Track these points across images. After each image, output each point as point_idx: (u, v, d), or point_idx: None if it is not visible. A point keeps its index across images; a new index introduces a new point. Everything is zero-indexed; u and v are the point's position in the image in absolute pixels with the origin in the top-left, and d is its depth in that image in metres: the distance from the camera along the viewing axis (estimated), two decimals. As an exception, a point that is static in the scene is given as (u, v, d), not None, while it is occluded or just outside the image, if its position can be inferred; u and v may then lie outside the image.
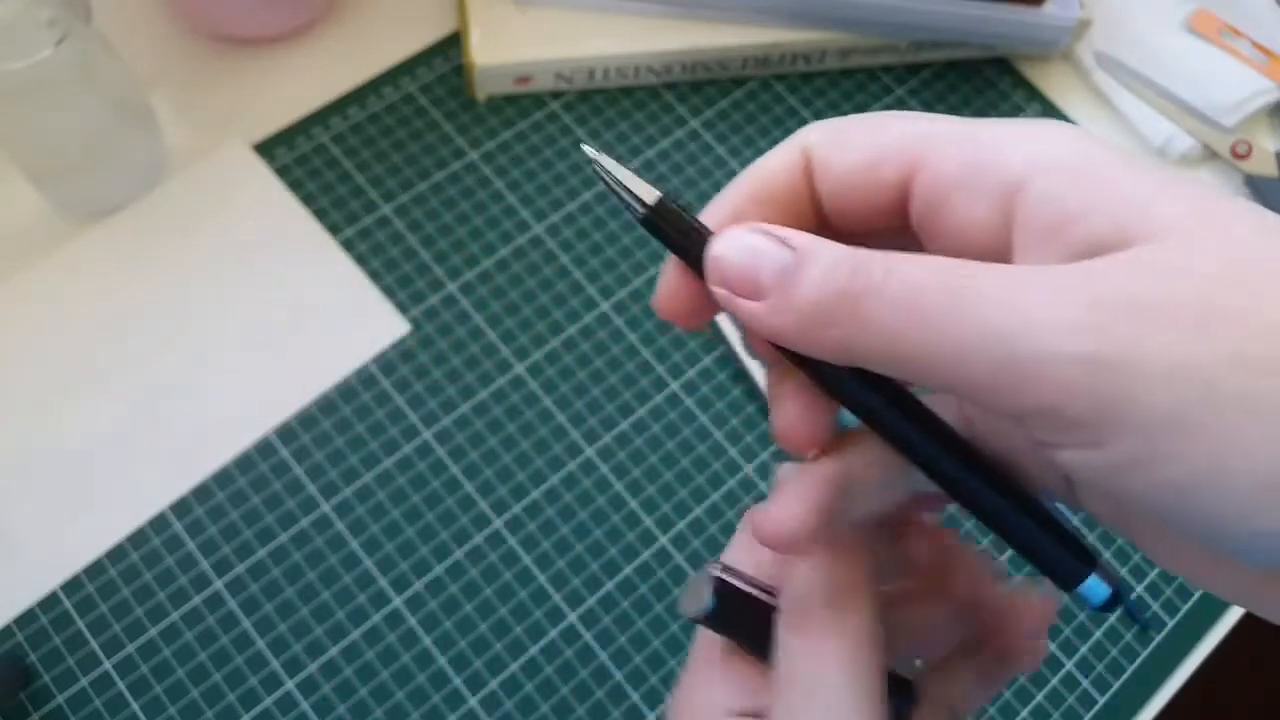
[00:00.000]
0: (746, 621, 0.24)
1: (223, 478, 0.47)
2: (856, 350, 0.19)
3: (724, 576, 0.24)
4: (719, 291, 0.21)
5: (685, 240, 0.22)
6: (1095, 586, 0.22)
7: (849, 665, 0.22)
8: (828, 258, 0.19)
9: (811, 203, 0.23)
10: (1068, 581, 0.22)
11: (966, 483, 0.22)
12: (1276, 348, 0.16)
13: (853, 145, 0.22)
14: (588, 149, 0.23)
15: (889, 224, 0.22)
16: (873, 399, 0.22)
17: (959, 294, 0.18)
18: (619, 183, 0.22)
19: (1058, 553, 0.22)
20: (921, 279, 0.18)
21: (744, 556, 0.26)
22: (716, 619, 0.24)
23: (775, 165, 0.23)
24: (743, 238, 0.21)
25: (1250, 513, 0.16)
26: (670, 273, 0.23)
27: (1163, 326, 0.16)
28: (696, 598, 0.24)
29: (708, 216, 0.23)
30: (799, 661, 0.23)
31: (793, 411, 0.23)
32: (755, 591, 0.24)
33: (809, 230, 0.21)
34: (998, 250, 0.20)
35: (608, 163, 0.22)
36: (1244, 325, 0.16)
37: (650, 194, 0.22)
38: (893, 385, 0.22)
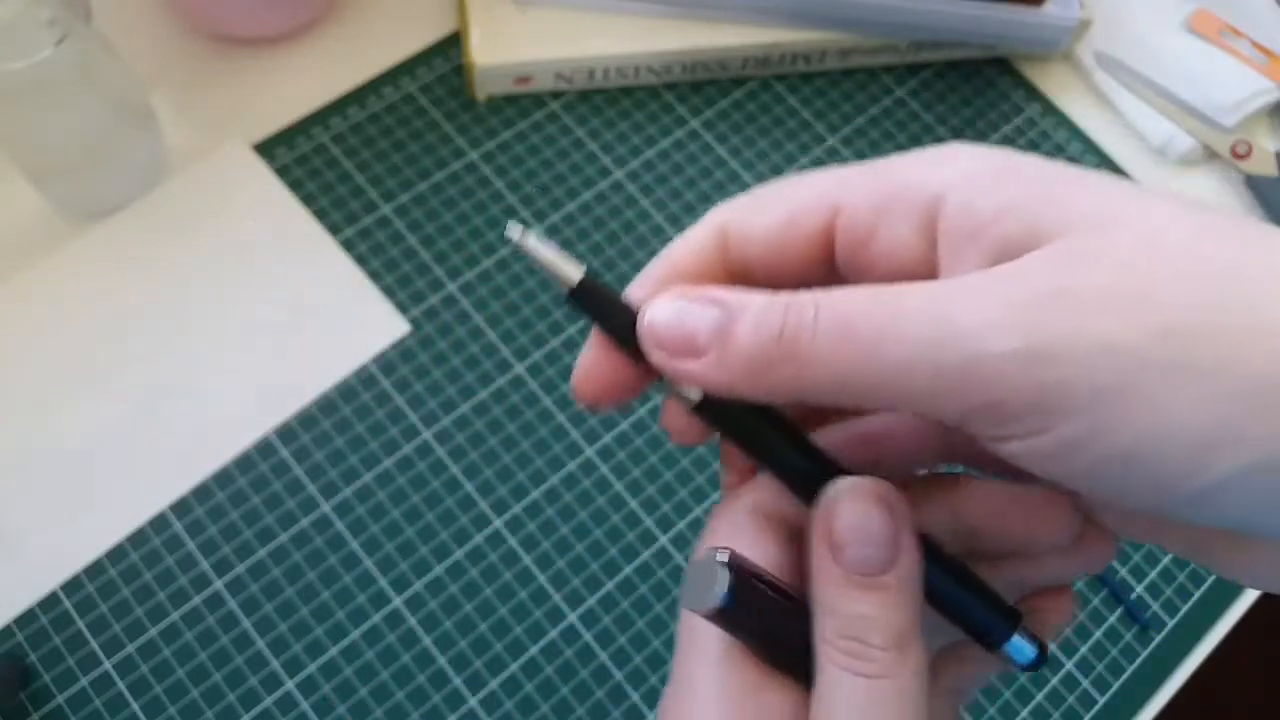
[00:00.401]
0: (761, 620, 0.22)
1: (223, 478, 0.47)
2: (803, 386, 0.20)
3: (739, 564, 0.21)
4: (657, 355, 0.21)
5: (612, 313, 0.23)
6: (1020, 646, 0.23)
7: (910, 707, 0.21)
8: (758, 305, 0.20)
9: (727, 277, 0.23)
10: (993, 640, 0.23)
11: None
12: (1196, 320, 0.17)
13: (768, 209, 0.23)
14: (512, 231, 0.23)
15: (816, 276, 0.23)
16: (800, 462, 0.23)
17: (888, 314, 0.19)
18: (545, 263, 0.22)
19: (982, 612, 0.23)
20: (851, 307, 0.19)
21: (743, 544, 0.23)
22: (728, 614, 0.21)
23: (689, 246, 0.23)
24: (674, 302, 0.21)
25: (1192, 470, 0.17)
26: (589, 353, 0.23)
27: (1087, 311, 0.17)
28: (703, 587, 0.21)
29: (629, 296, 0.23)
30: (858, 705, 0.21)
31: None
32: (772, 583, 0.22)
33: None
34: (926, 273, 0.21)
35: (533, 243, 0.22)
36: (1164, 302, 0.17)
37: (575, 272, 0.22)
38: (817, 452, 0.23)
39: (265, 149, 0.54)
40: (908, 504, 0.22)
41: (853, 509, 0.21)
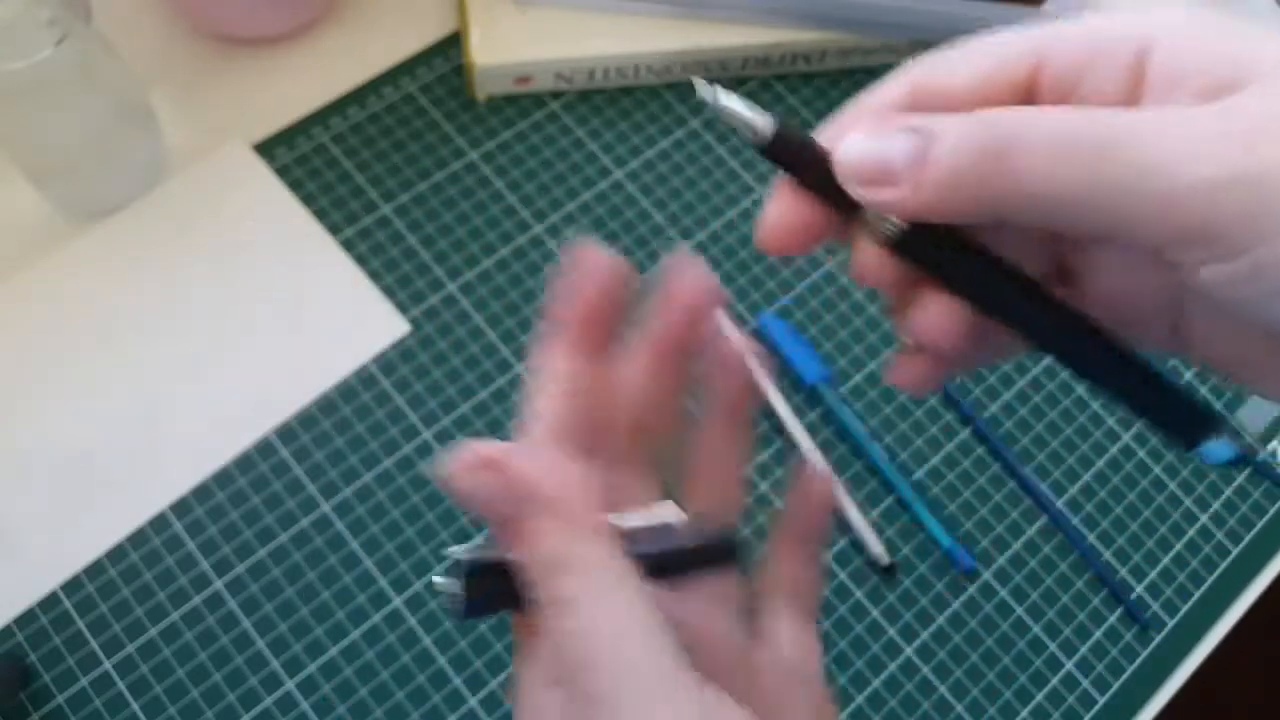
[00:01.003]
0: (509, 595, 0.22)
1: (223, 478, 0.47)
2: (1009, 201, 0.20)
3: (464, 559, 0.22)
4: (856, 189, 0.21)
5: (805, 158, 0.23)
6: (1219, 448, 0.23)
7: (603, 619, 0.21)
8: (955, 124, 0.20)
9: None
10: (1193, 438, 0.23)
11: (1096, 353, 0.23)
12: None
13: (968, 62, 0.23)
14: (702, 90, 0.23)
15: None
16: (1003, 288, 0.23)
17: (1109, 134, 0.19)
18: (737, 118, 0.23)
19: (1182, 411, 0.23)
20: (1070, 124, 0.20)
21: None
22: (472, 606, 0.22)
23: (880, 98, 0.23)
24: (868, 132, 0.21)
25: None
26: (777, 203, 0.23)
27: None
28: (449, 601, 0.22)
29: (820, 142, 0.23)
30: (557, 639, 0.21)
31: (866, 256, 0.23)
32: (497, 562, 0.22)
33: None
34: None
35: (724, 101, 0.23)
36: None
37: (768, 124, 0.23)
38: (1018, 276, 0.22)
39: (265, 149, 0.54)
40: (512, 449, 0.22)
41: (467, 482, 0.21)
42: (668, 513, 0.23)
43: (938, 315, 0.23)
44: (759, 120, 0.23)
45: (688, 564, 0.23)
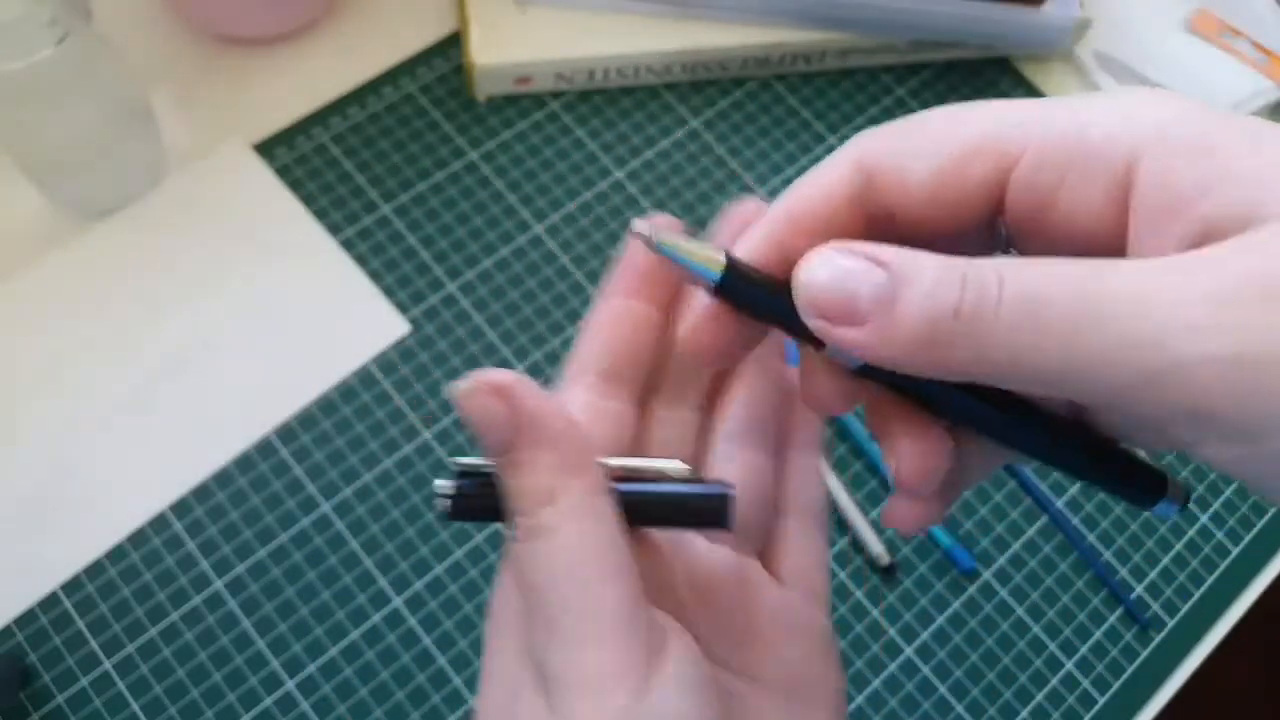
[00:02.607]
0: (495, 509, 0.23)
1: (223, 478, 0.47)
2: (977, 370, 0.18)
3: (461, 463, 0.23)
4: (816, 323, 0.19)
5: (759, 291, 0.21)
6: (1168, 506, 0.23)
7: (576, 548, 0.21)
8: (930, 271, 0.18)
9: (865, 221, 0.21)
10: (1148, 500, 0.23)
11: (1050, 450, 0.22)
12: None
13: (931, 147, 0.20)
14: (638, 225, 0.21)
15: (973, 233, 0.21)
16: (975, 409, 0.21)
17: (1087, 300, 0.17)
18: (685, 260, 0.21)
19: (1135, 482, 0.23)
20: (1044, 289, 0.17)
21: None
22: (458, 509, 0.23)
23: (822, 186, 0.21)
24: (831, 260, 0.19)
25: None
26: (702, 310, 0.22)
27: None
28: (442, 495, 0.23)
29: (744, 249, 0.22)
30: (526, 569, 0.21)
31: (820, 380, 0.22)
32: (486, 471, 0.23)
33: None
34: (1109, 238, 0.19)
35: (669, 239, 0.21)
36: None
37: (717, 267, 0.21)
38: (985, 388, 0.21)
39: (265, 149, 0.54)
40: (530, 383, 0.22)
41: (475, 404, 0.21)
42: (670, 466, 0.23)
43: (917, 458, 0.21)
44: (712, 258, 0.21)
45: (674, 512, 0.23)
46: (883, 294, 0.18)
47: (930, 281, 0.18)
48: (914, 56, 0.59)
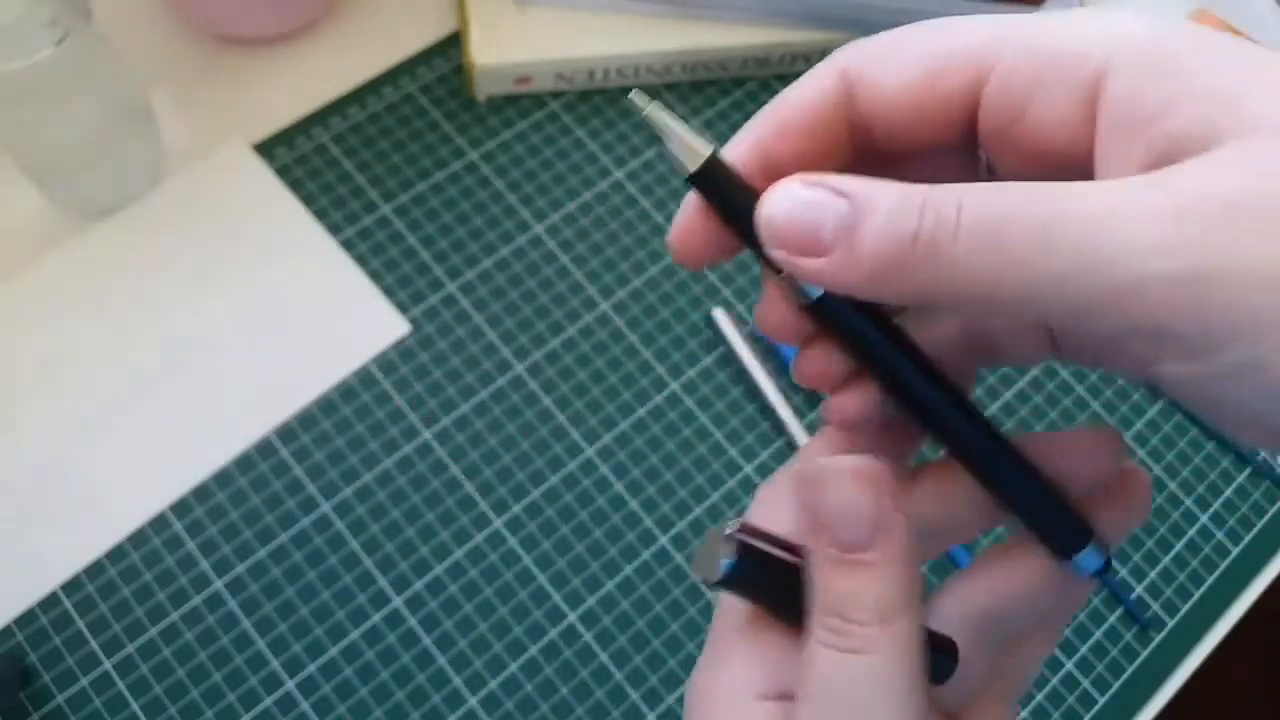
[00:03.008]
0: (771, 584, 0.22)
1: (223, 478, 0.47)
2: (936, 293, 0.18)
3: (743, 537, 0.21)
4: (778, 254, 0.19)
5: (730, 196, 0.21)
6: (1090, 557, 0.23)
7: (893, 681, 0.20)
8: (889, 200, 0.18)
9: (848, 130, 0.21)
10: (1066, 549, 0.23)
11: (975, 444, 0.22)
12: None
13: (907, 58, 0.20)
14: (635, 98, 0.21)
15: (949, 142, 0.21)
16: (898, 363, 0.21)
17: (1043, 221, 0.17)
18: (673, 137, 0.21)
19: (1059, 520, 0.22)
20: (1001, 210, 0.17)
21: (767, 514, 0.23)
22: (735, 582, 0.21)
23: (807, 92, 0.21)
24: (794, 193, 0.19)
25: None
26: (689, 216, 0.22)
27: (1259, 232, 0.16)
28: (711, 560, 0.21)
29: (730, 152, 0.22)
30: (835, 679, 0.20)
31: (778, 307, 0.22)
32: (778, 552, 0.22)
33: (846, 160, 0.20)
34: (1078, 153, 0.19)
35: (661, 116, 0.21)
36: None
37: (703, 151, 0.21)
38: (906, 342, 0.21)
39: (265, 149, 0.54)
40: (894, 480, 0.21)
41: (837, 490, 0.20)
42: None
43: (853, 401, 0.22)
44: (697, 144, 0.21)
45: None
46: (844, 223, 0.18)
47: (890, 208, 0.18)
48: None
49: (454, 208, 0.54)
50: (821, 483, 0.21)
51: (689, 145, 0.21)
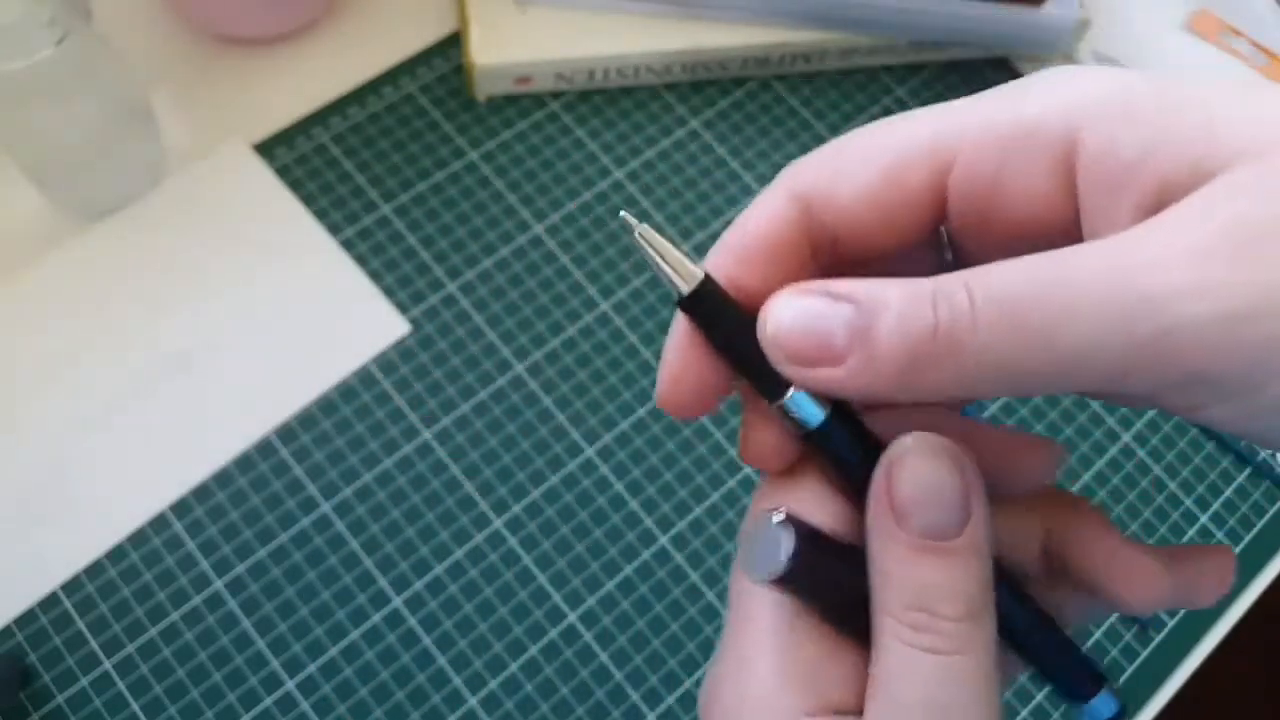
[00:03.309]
0: (825, 583, 0.20)
1: (223, 478, 0.47)
2: (964, 384, 0.17)
3: (799, 524, 0.19)
4: (789, 369, 0.19)
5: (723, 322, 0.20)
6: (1106, 700, 0.22)
7: (986, 684, 0.19)
8: (898, 298, 0.17)
9: (811, 248, 0.21)
10: (1080, 696, 0.22)
11: (1000, 601, 0.20)
12: None
13: (857, 167, 0.20)
14: (627, 216, 0.21)
15: (919, 238, 0.20)
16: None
17: (1060, 292, 0.16)
18: (664, 262, 0.20)
19: (1073, 669, 0.22)
20: (1015, 288, 0.17)
21: (806, 508, 0.21)
22: (792, 579, 0.19)
23: (762, 219, 0.20)
24: (794, 302, 0.18)
25: None
26: (679, 358, 0.21)
27: (1278, 258, 0.15)
28: (764, 552, 0.19)
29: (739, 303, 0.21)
30: (920, 683, 0.19)
31: (764, 436, 0.21)
32: (834, 547, 0.20)
33: (813, 277, 0.19)
34: (1059, 223, 0.19)
35: (654, 238, 0.20)
36: None
37: (694, 275, 0.20)
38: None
39: (265, 149, 0.54)
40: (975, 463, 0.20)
41: (920, 468, 0.19)
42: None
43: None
44: (688, 269, 0.20)
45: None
46: (856, 327, 0.18)
47: (901, 305, 0.17)
48: (914, 56, 0.59)
49: (454, 208, 0.54)
50: (907, 462, 0.19)
51: (680, 269, 0.20)
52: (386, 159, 0.54)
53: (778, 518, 0.19)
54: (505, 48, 0.55)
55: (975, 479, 0.19)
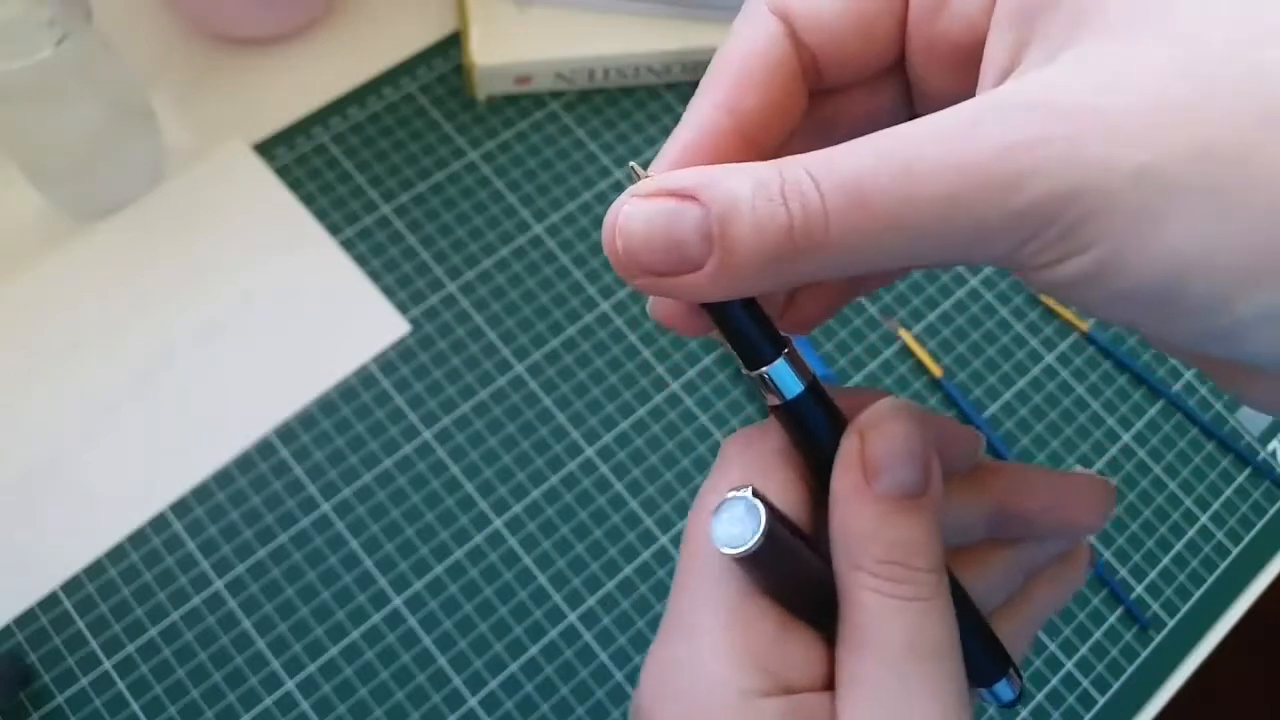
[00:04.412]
0: (786, 563, 0.20)
1: (223, 478, 0.47)
2: (824, 271, 0.18)
3: (768, 503, 0.20)
4: (644, 280, 0.18)
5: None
6: (1004, 688, 0.23)
7: (953, 627, 0.20)
8: (745, 195, 0.17)
9: (801, 70, 0.21)
10: (983, 680, 0.23)
11: None
12: (1229, 140, 0.15)
13: None
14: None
15: (884, 61, 0.21)
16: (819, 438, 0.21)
17: (900, 175, 0.16)
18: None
19: (979, 652, 0.23)
20: (857, 174, 0.17)
21: (769, 482, 0.22)
22: (761, 555, 0.19)
23: (752, 40, 0.20)
24: (642, 209, 0.18)
25: (1209, 308, 0.16)
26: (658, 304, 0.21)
27: (1115, 135, 0.16)
28: (730, 529, 0.19)
29: (693, 120, 0.20)
30: (902, 629, 0.19)
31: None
32: (793, 530, 0.21)
33: (805, 104, 0.20)
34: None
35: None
36: (1198, 117, 0.15)
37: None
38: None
39: (265, 149, 0.54)
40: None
41: (895, 429, 0.20)
42: None
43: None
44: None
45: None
46: (709, 232, 0.17)
47: (753, 205, 0.17)
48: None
49: (454, 208, 0.54)
50: (882, 423, 0.20)
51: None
52: (386, 159, 0.54)
53: (749, 494, 0.19)
54: (505, 48, 0.55)
55: (932, 441, 0.20)
